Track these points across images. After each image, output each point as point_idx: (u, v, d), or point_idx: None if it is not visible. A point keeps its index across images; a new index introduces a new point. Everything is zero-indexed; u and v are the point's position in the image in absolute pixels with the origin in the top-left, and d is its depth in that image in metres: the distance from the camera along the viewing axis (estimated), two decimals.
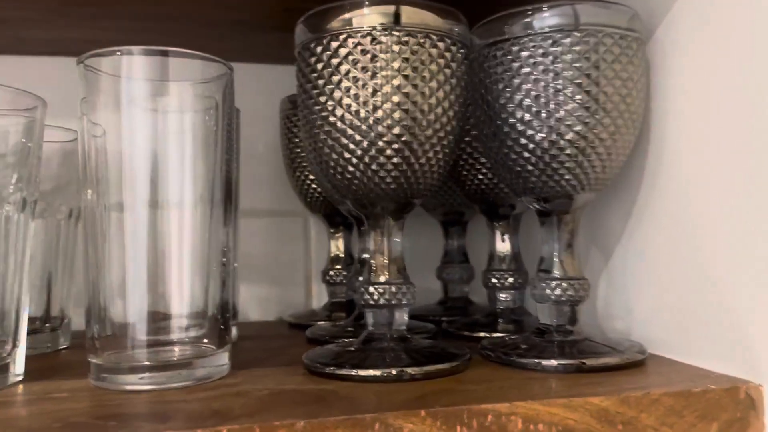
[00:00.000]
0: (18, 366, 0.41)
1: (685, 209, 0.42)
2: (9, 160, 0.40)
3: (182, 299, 0.41)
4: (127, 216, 0.39)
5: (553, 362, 0.40)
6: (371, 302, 0.41)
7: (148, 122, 0.40)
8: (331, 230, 0.63)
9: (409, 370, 0.38)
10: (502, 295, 0.54)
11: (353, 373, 0.38)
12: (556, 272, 0.43)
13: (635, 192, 0.47)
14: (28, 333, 0.51)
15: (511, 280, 0.53)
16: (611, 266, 0.50)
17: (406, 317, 0.42)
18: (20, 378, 0.41)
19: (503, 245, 0.55)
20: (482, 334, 0.51)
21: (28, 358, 0.47)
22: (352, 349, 0.41)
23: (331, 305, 0.63)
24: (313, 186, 0.60)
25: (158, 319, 0.40)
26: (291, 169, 0.61)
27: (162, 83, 0.40)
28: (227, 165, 0.42)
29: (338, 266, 0.62)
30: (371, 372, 0.38)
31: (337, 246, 0.63)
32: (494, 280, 0.54)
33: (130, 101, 0.39)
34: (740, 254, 0.38)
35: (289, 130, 0.61)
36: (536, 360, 0.40)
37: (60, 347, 0.52)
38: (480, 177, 0.53)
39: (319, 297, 0.69)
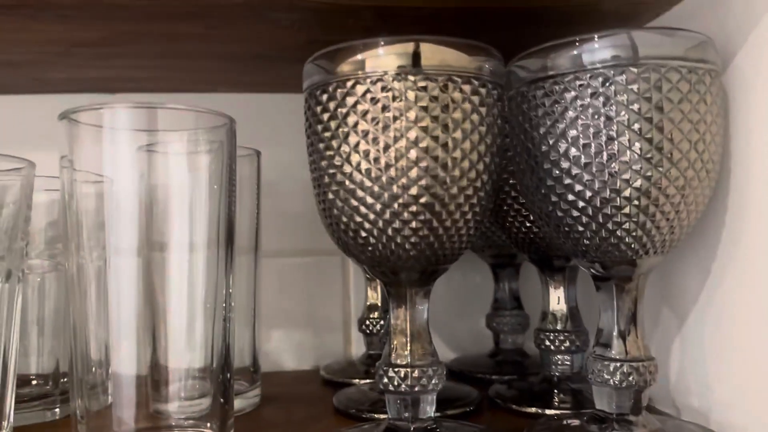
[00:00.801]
0: None
1: None
2: None
3: (179, 363, 0.37)
4: (114, 268, 0.35)
5: None
6: (391, 388, 0.35)
7: (136, 168, 0.35)
8: (368, 276, 0.58)
9: None
10: (558, 359, 0.47)
11: None
12: (616, 351, 0.36)
13: (714, 248, 0.39)
14: (38, 398, 0.49)
15: (567, 343, 0.46)
16: (686, 332, 0.42)
17: (432, 405, 0.36)
18: None
19: (558, 302, 0.47)
20: (534, 410, 0.44)
21: (32, 429, 0.44)
22: None
23: (368, 358, 0.57)
24: None
25: (151, 391, 0.35)
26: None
27: (153, 132, 0.36)
28: (228, 209, 0.38)
29: (375, 315, 0.57)
30: None
31: (374, 292, 0.57)
32: (548, 342, 0.47)
33: (116, 148, 0.35)
34: None
35: None
36: None
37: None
38: (528, 224, 0.46)
39: (359, 343, 0.63)
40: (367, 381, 0.53)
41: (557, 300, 0.47)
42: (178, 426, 0.36)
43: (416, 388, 0.35)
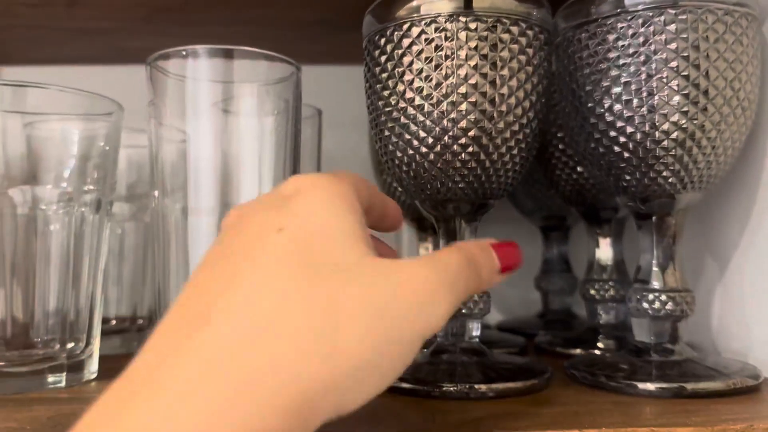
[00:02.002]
0: (92, 364, 0.41)
1: None
2: (81, 162, 0.41)
3: None
4: (194, 220, 0.39)
5: (649, 386, 0.35)
6: None
7: (215, 124, 0.39)
8: (421, 235, 0.61)
9: (479, 387, 0.34)
10: (602, 308, 0.49)
11: (419, 388, 0.35)
12: (655, 283, 0.38)
13: (753, 192, 0.40)
14: (119, 332, 0.53)
15: (612, 291, 0.48)
16: (727, 277, 0.44)
17: (477, 329, 0.39)
18: (94, 376, 0.41)
19: (604, 252, 0.49)
20: (578, 351, 0.46)
21: (112, 358, 0.48)
22: (421, 361, 0.38)
23: None
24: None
25: None
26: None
27: (229, 84, 0.39)
28: (294, 165, 0.41)
29: None
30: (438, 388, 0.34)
31: (427, 252, 0.60)
32: (593, 291, 0.49)
33: (197, 103, 0.39)
34: None
35: None
36: (627, 382, 0.35)
37: None
38: (575, 176, 0.48)
39: None
40: None
41: (604, 251, 0.49)
42: None
43: (464, 311, 0.38)
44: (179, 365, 0.19)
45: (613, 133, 0.36)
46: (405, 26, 0.36)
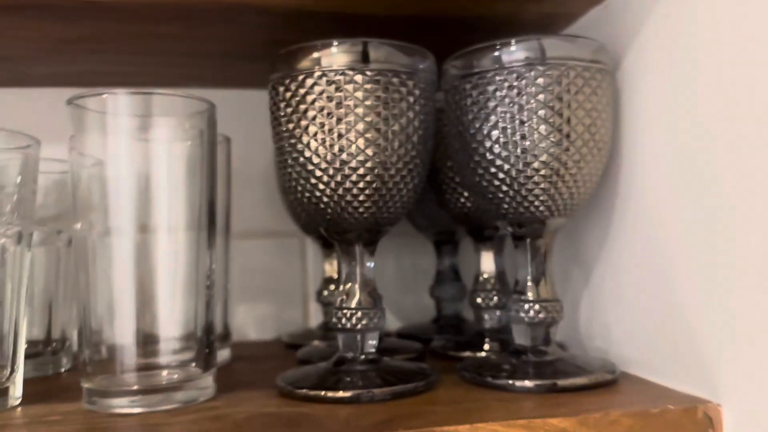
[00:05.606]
0: (17, 390, 0.43)
1: (654, 235, 0.43)
2: (4, 196, 0.42)
3: (170, 323, 0.43)
4: (115, 242, 0.41)
5: (527, 383, 0.41)
6: (339, 326, 0.43)
7: (133, 154, 0.42)
8: (325, 251, 0.65)
9: (377, 390, 0.40)
10: (488, 315, 0.55)
11: (323, 395, 0.40)
12: (530, 295, 0.44)
13: (609, 216, 0.48)
14: (31, 356, 0.54)
15: (495, 299, 0.55)
16: (591, 287, 0.51)
17: (375, 340, 0.44)
18: (19, 401, 0.43)
19: (488, 266, 0.56)
20: (467, 354, 0.52)
21: (29, 381, 0.50)
22: (324, 371, 0.43)
23: (325, 325, 0.65)
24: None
25: (147, 343, 0.42)
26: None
27: (146, 118, 0.42)
28: (210, 191, 0.44)
29: (332, 287, 0.64)
30: (341, 394, 0.40)
31: (331, 267, 0.65)
32: (479, 300, 0.55)
33: (116, 135, 0.42)
34: (702, 280, 0.39)
35: None
36: (509, 381, 0.41)
37: (62, 369, 0.55)
38: (462, 200, 0.54)
39: (318, 316, 0.70)
40: (325, 342, 0.61)
41: (487, 264, 0.56)
42: (168, 365, 0.42)
43: (359, 326, 0.43)
44: None
45: (492, 170, 0.42)
46: (316, 74, 0.40)
